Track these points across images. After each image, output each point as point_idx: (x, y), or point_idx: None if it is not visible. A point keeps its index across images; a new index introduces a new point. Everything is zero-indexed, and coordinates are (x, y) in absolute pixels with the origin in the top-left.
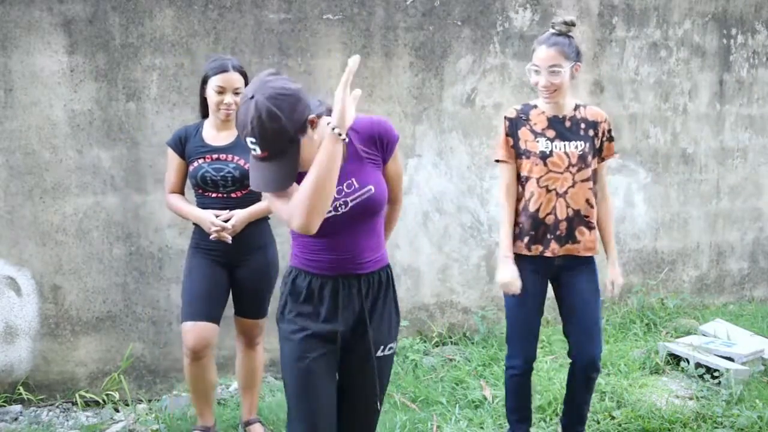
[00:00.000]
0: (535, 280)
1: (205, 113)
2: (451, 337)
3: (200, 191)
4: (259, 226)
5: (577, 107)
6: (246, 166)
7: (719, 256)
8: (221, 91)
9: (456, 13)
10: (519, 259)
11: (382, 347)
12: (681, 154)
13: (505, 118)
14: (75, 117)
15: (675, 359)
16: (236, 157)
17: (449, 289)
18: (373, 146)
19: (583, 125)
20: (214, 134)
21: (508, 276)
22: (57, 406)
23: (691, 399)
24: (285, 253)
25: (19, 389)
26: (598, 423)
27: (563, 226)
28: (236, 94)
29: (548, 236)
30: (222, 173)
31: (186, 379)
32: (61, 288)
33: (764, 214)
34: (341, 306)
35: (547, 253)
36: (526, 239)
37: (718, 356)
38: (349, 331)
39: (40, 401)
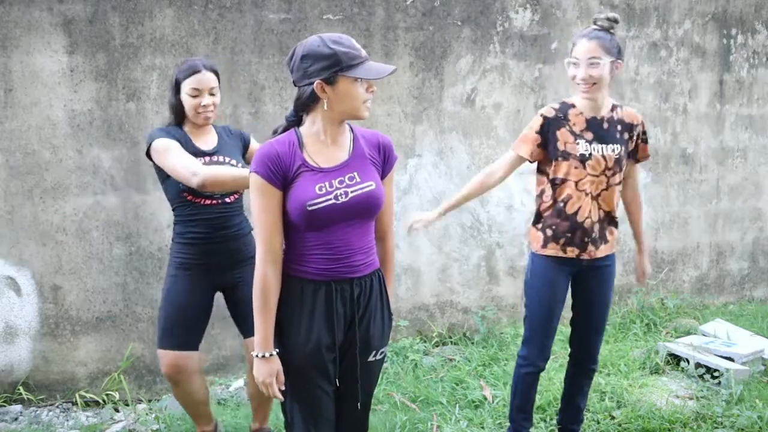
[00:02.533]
0: (563, 281)
1: (178, 121)
2: (451, 337)
3: (190, 198)
4: (243, 239)
5: (614, 108)
6: (238, 166)
7: (719, 256)
8: (196, 94)
9: (456, 13)
10: (552, 260)
11: (374, 352)
12: (681, 154)
13: (542, 116)
14: (75, 117)
15: (675, 359)
16: (227, 158)
17: (449, 289)
18: (377, 152)
19: (619, 127)
20: (200, 138)
21: (427, 215)
22: (57, 406)
23: (691, 399)
24: None
25: (19, 389)
26: (598, 423)
27: (597, 228)
28: (212, 95)
29: (585, 239)
30: None
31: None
32: (61, 288)
33: (764, 214)
34: (335, 312)
35: (584, 256)
36: (561, 241)
37: (718, 356)
38: (343, 337)
39: (40, 401)
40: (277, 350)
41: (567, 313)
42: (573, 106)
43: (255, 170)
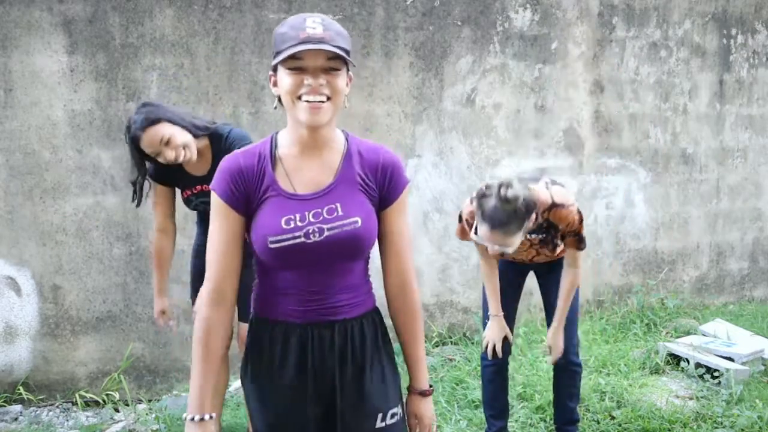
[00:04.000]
0: (511, 271)
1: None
2: (451, 337)
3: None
4: None
5: (541, 214)
6: None
7: (719, 256)
8: (156, 152)
9: (456, 13)
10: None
11: (380, 415)
12: (681, 154)
13: (467, 221)
14: (75, 117)
15: (675, 359)
16: None
17: (449, 289)
18: (373, 176)
19: (545, 225)
20: (193, 164)
21: (495, 335)
22: (57, 406)
23: (691, 399)
24: None
25: (19, 389)
26: (598, 423)
27: (536, 258)
28: (168, 144)
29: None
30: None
31: None
32: (61, 288)
33: (764, 214)
34: (311, 364)
35: (518, 262)
36: None
37: (718, 356)
38: (327, 390)
39: (40, 401)
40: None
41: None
42: None
43: (213, 187)
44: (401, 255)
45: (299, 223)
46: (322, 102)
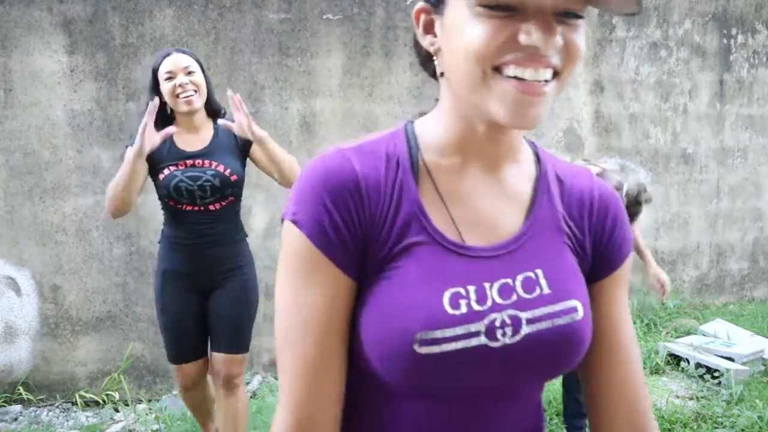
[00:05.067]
0: None
1: (165, 119)
2: None
3: (172, 203)
4: (236, 246)
5: None
6: (226, 172)
7: (719, 256)
8: (171, 76)
9: None
10: None
11: None
12: (681, 154)
13: None
14: (75, 117)
15: (675, 359)
16: (214, 162)
17: None
18: (582, 222)
19: None
20: (186, 138)
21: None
22: (57, 406)
23: (691, 399)
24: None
25: (19, 389)
26: None
27: None
28: (189, 74)
29: None
30: (199, 182)
31: (183, 401)
32: (61, 288)
33: (764, 214)
34: None
35: None
36: None
37: (718, 356)
38: None
39: (40, 401)
40: None
41: None
42: None
43: (293, 216)
44: (635, 371)
45: (477, 307)
46: (546, 82)
